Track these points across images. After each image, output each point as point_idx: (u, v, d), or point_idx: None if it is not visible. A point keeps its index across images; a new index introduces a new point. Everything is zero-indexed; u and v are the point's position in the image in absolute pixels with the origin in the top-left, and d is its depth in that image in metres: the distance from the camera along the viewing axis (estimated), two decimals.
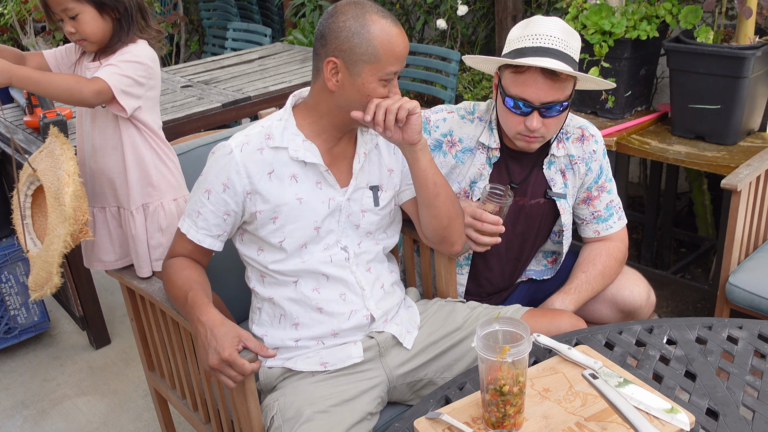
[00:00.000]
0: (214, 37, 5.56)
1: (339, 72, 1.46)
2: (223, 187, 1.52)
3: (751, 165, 2.13)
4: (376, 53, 1.43)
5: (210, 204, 1.54)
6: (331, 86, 1.47)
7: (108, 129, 1.83)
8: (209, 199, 1.54)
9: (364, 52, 1.43)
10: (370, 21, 1.43)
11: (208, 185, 1.54)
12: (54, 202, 1.64)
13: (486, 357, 1.21)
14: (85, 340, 2.87)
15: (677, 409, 1.27)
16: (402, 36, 1.47)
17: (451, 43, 3.74)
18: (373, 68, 1.44)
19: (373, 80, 1.45)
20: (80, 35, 1.77)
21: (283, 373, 1.60)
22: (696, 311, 2.78)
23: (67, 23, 1.76)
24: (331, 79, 1.47)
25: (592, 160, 1.85)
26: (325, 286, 1.59)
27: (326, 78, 1.47)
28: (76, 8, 1.73)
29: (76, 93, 1.70)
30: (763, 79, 2.43)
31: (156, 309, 1.73)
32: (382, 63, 1.44)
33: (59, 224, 1.62)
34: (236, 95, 3.15)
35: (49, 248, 1.65)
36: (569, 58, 1.64)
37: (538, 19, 1.70)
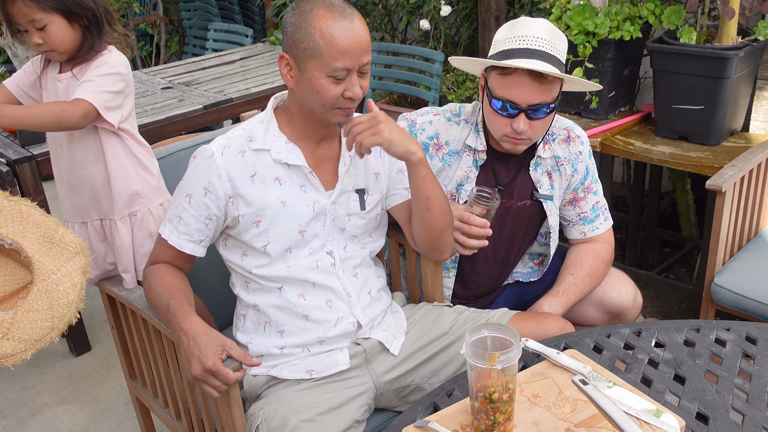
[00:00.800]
0: (194, 38, 5.50)
1: (291, 68, 1.44)
2: (204, 191, 1.49)
3: (735, 165, 2.14)
4: (317, 48, 1.38)
5: (191, 209, 1.51)
6: (288, 83, 1.46)
7: (88, 140, 1.79)
8: (190, 203, 1.51)
9: (306, 47, 1.39)
10: (314, 15, 1.38)
11: (189, 189, 1.51)
12: (44, 248, 1.51)
13: (475, 364, 1.19)
14: (65, 347, 2.82)
15: (662, 410, 1.26)
16: (351, 29, 1.38)
17: (434, 44, 3.73)
18: (318, 64, 1.39)
19: (320, 76, 1.40)
20: (48, 46, 1.72)
21: (268, 381, 1.58)
22: (681, 311, 2.78)
23: (33, 35, 1.70)
24: (286, 75, 1.46)
25: (578, 162, 1.84)
26: (311, 292, 1.56)
27: (282, 75, 1.46)
28: (45, 19, 1.68)
29: (63, 121, 1.68)
30: (746, 79, 2.44)
31: (137, 317, 1.70)
32: (326, 58, 1.38)
33: (64, 263, 1.51)
34: (218, 97, 3.12)
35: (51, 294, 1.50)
36: (556, 59, 1.63)
37: (524, 20, 1.68)
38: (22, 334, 1.47)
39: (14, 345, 1.48)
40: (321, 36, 1.37)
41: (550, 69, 1.59)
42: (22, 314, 1.48)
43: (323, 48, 1.38)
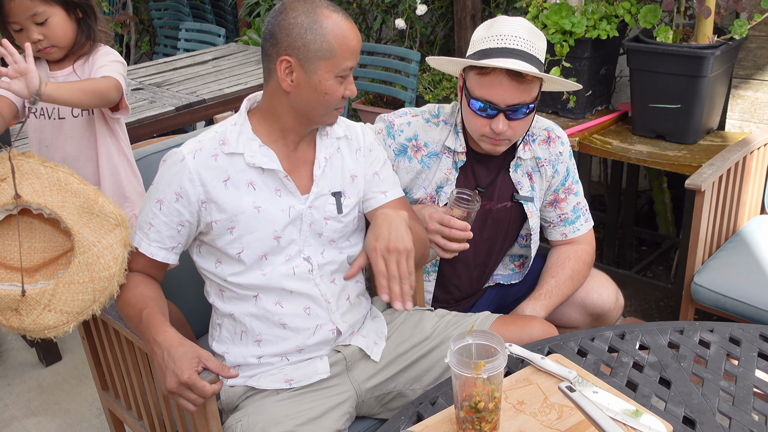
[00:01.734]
0: (165, 38, 5.41)
1: (294, 71, 1.39)
2: (175, 197, 1.44)
3: (714, 164, 2.14)
4: (331, 48, 1.37)
5: (162, 215, 1.45)
6: (286, 87, 1.41)
7: (83, 139, 1.73)
8: (161, 209, 1.45)
9: (318, 48, 1.37)
10: (322, 16, 1.37)
11: (160, 195, 1.46)
12: (83, 218, 1.47)
13: (460, 373, 1.16)
14: (34, 357, 2.74)
15: (641, 411, 1.25)
16: (355, 30, 1.42)
17: (410, 43, 3.70)
18: (329, 64, 1.39)
19: (329, 77, 1.40)
20: (49, 42, 1.68)
21: (245, 392, 1.53)
22: (659, 310, 2.79)
23: (33, 31, 1.65)
24: (286, 79, 1.40)
25: (559, 162, 1.82)
26: (288, 300, 1.52)
27: (280, 79, 1.40)
28: (47, 12, 1.64)
29: (106, 94, 1.66)
30: (722, 78, 2.45)
31: (109, 328, 1.64)
32: (338, 59, 1.39)
33: (104, 235, 1.47)
34: (190, 98, 3.05)
35: (92, 266, 1.46)
36: (535, 59, 1.61)
37: (502, 19, 1.66)
38: (63, 306, 1.45)
39: (56, 317, 1.45)
40: (334, 37, 1.37)
41: (529, 68, 1.57)
42: (63, 286, 1.45)
43: (336, 48, 1.38)
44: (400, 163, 1.77)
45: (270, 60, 1.42)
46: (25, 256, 1.49)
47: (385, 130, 1.78)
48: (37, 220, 1.50)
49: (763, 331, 1.50)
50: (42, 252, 1.51)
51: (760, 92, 2.49)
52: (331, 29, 1.37)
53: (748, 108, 2.53)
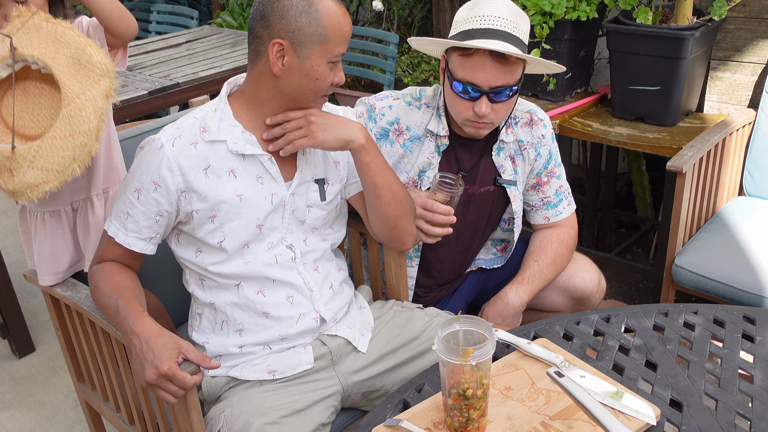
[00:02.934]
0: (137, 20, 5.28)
1: (286, 55, 1.35)
2: (154, 186, 1.39)
3: (694, 146, 2.14)
4: (325, 33, 1.34)
5: (140, 204, 1.41)
6: (277, 71, 1.36)
7: None
8: (139, 199, 1.40)
9: (313, 32, 1.33)
10: (316, 0, 1.33)
11: (138, 184, 1.41)
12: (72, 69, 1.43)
13: (448, 360, 1.14)
14: (7, 349, 2.67)
15: (622, 391, 1.24)
16: (347, 15, 1.39)
17: (387, 25, 3.65)
18: (323, 50, 1.35)
19: (321, 62, 1.36)
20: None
21: (228, 382, 1.50)
22: (639, 291, 2.80)
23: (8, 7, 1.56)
24: (277, 62, 1.36)
25: (541, 145, 1.80)
26: (271, 288, 1.48)
27: (271, 62, 1.36)
28: None
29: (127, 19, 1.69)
30: (701, 59, 2.44)
31: (84, 319, 1.59)
32: (332, 44, 1.36)
33: (89, 87, 1.42)
34: (164, 82, 2.98)
35: (74, 120, 1.41)
36: (518, 40, 1.58)
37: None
38: (45, 163, 1.41)
39: (37, 174, 1.41)
40: (329, 22, 1.34)
41: (512, 50, 1.54)
42: (47, 141, 1.41)
43: (330, 34, 1.35)
44: (382, 147, 1.74)
45: (260, 42, 1.37)
46: (31, 122, 1.48)
47: (366, 114, 1.74)
48: (47, 86, 1.47)
49: (747, 313, 1.51)
50: (49, 118, 1.47)
51: (738, 74, 2.50)
52: (326, 14, 1.34)
53: (727, 90, 2.54)
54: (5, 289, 2.50)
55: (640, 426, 1.20)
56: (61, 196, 1.70)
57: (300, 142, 1.41)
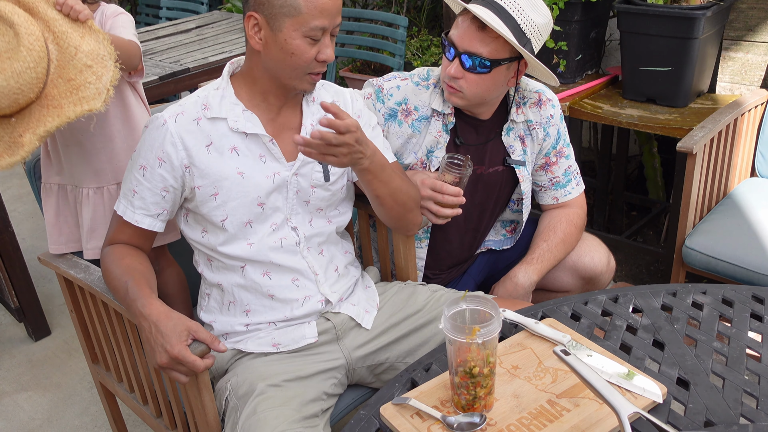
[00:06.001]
0: (147, 6, 5.28)
1: (261, 29, 1.35)
2: (158, 162, 1.41)
3: (705, 127, 2.12)
4: (295, 4, 1.32)
5: (146, 181, 1.42)
6: (254, 45, 1.37)
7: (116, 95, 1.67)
8: (144, 175, 1.42)
9: (283, 3, 1.32)
10: None
11: (143, 161, 1.42)
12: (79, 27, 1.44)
13: (455, 338, 1.15)
14: (23, 332, 2.71)
15: (634, 372, 1.25)
16: None
17: (397, 9, 3.63)
18: (295, 22, 1.33)
19: (296, 36, 1.34)
20: None
21: (234, 355, 1.52)
22: (650, 274, 2.79)
23: None
24: (254, 37, 1.36)
25: (550, 125, 1.80)
26: (276, 271, 1.50)
27: (249, 36, 1.36)
28: None
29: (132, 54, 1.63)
30: (713, 39, 2.42)
31: (97, 300, 1.61)
32: (305, 16, 1.32)
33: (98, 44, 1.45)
34: (174, 67, 2.99)
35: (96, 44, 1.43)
36: (512, 20, 1.57)
37: None
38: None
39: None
40: None
41: (490, 18, 1.53)
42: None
43: (302, 5, 1.32)
44: (390, 127, 1.74)
45: (244, 18, 1.38)
46: None
47: (374, 95, 1.74)
48: None
49: (756, 292, 1.50)
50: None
51: (750, 54, 2.47)
52: None
53: (739, 70, 2.51)
54: (21, 274, 2.54)
55: (646, 404, 1.21)
56: (104, 173, 1.72)
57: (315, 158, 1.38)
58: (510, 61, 1.60)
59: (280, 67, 1.38)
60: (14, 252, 2.50)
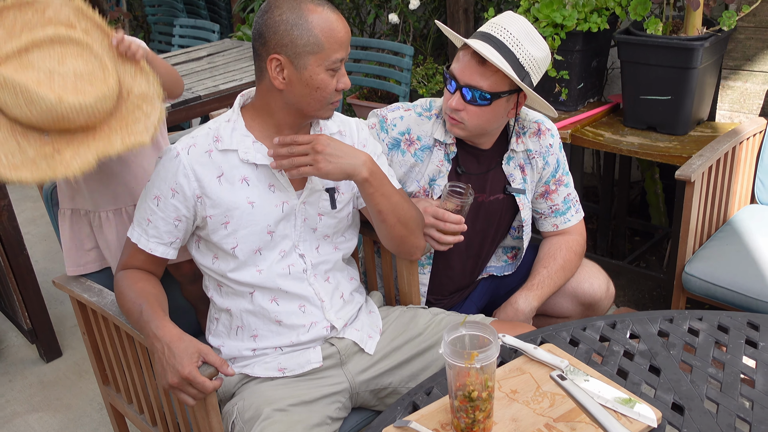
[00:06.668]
0: (159, 34, 5.41)
1: (284, 68, 1.41)
2: (171, 193, 1.46)
3: (703, 155, 2.16)
4: (318, 42, 1.39)
5: (159, 211, 1.48)
6: (279, 84, 1.43)
7: None
8: (158, 205, 1.48)
9: (306, 42, 1.39)
10: (306, 11, 1.39)
11: (157, 191, 1.48)
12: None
13: (454, 363, 1.19)
14: (35, 354, 2.76)
15: (635, 400, 1.28)
16: (341, 21, 1.43)
17: (403, 37, 3.71)
18: (319, 58, 1.40)
19: (320, 71, 1.41)
20: None
21: (241, 380, 1.57)
22: (652, 299, 2.82)
23: None
24: (277, 77, 1.42)
25: (549, 154, 1.85)
26: (284, 297, 1.55)
27: (272, 77, 1.42)
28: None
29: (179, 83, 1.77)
30: (711, 69, 2.47)
31: (109, 323, 1.66)
32: (327, 51, 1.40)
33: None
34: (186, 95, 3.06)
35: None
36: (512, 55, 1.63)
37: (508, 12, 1.70)
38: None
39: None
40: (321, 30, 1.39)
41: (490, 54, 1.59)
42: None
43: (324, 42, 1.39)
44: (394, 156, 1.79)
45: (261, 59, 1.44)
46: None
47: (378, 125, 1.80)
48: None
49: (751, 319, 1.54)
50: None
51: (749, 83, 2.52)
52: (317, 23, 1.38)
53: (738, 99, 2.56)
54: (34, 296, 2.59)
55: (641, 428, 1.24)
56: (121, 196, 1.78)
57: (304, 170, 1.44)
58: (510, 94, 1.66)
59: (305, 102, 1.44)
60: (28, 274, 2.55)
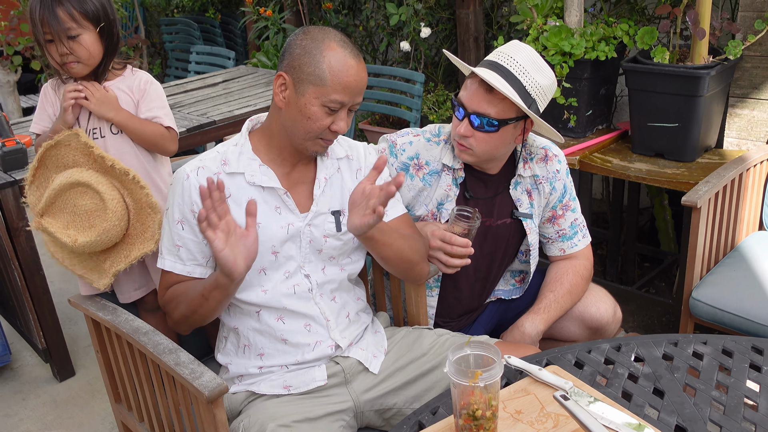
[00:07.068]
0: (177, 60, 5.52)
1: (287, 88, 1.46)
2: (192, 214, 1.51)
3: (710, 182, 2.19)
4: (322, 76, 1.43)
5: (187, 234, 1.52)
6: (278, 101, 1.48)
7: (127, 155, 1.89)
8: (184, 229, 1.52)
9: (311, 72, 1.43)
10: (326, 46, 1.44)
11: (178, 216, 1.53)
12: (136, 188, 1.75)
13: (458, 382, 1.21)
14: (49, 373, 2.80)
15: (644, 425, 1.29)
16: (356, 68, 1.46)
17: (414, 65, 3.78)
18: (317, 91, 1.44)
19: (315, 104, 1.45)
20: (75, 57, 1.76)
21: (247, 397, 1.59)
22: (661, 325, 2.82)
23: (63, 44, 1.74)
24: (279, 94, 1.48)
25: (556, 180, 1.88)
26: (290, 316, 1.58)
27: (275, 92, 1.48)
28: (80, 29, 1.73)
29: (161, 145, 1.90)
30: (718, 97, 2.50)
31: (122, 341, 1.70)
32: (327, 88, 1.44)
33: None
34: (201, 120, 3.13)
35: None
36: (518, 83, 1.67)
37: (514, 42, 1.74)
38: None
39: None
40: (329, 66, 1.43)
41: (497, 82, 1.63)
42: None
43: (328, 78, 1.43)
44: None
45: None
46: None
47: (388, 150, 1.85)
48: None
49: (756, 343, 1.54)
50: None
51: (756, 111, 2.55)
52: (328, 60, 1.43)
53: (745, 126, 2.59)
54: (49, 316, 2.64)
55: None
56: None
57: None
58: (517, 120, 1.70)
59: (295, 127, 1.49)
60: (44, 294, 2.60)
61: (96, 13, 1.76)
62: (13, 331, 3.02)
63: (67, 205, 1.74)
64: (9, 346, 2.80)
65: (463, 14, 3.45)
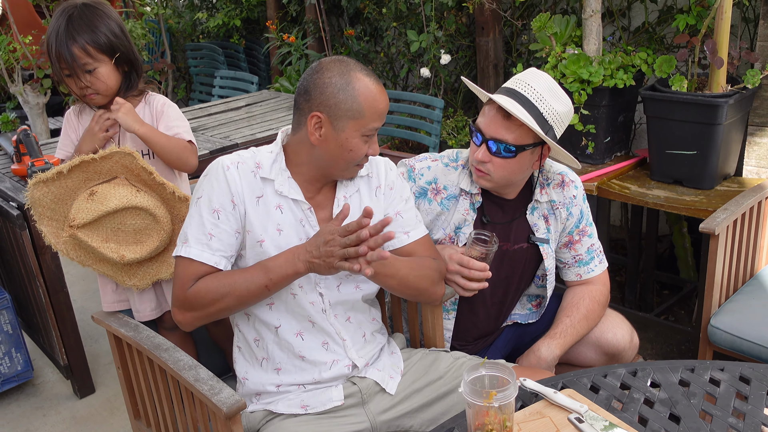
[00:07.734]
0: (201, 85, 5.63)
1: (323, 126, 1.49)
2: (232, 204, 1.52)
3: (728, 209, 2.19)
4: (360, 109, 1.48)
5: (222, 224, 1.51)
6: (314, 140, 1.51)
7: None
8: (220, 218, 1.51)
9: (349, 108, 1.47)
10: (354, 78, 1.48)
11: (215, 205, 1.51)
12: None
13: (473, 402, 1.22)
14: (69, 390, 2.84)
15: None
16: (383, 93, 1.52)
17: (434, 91, 3.82)
18: (357, 124, 1.49)
19: (356, 135, 1.50)
20: (93, 89, 1.82)
21: (265, 416, 1.61)
22: (680, 353, 2.80)
23: (81, 77, 1.80)
24: (315, 133, 1.50)
25: (573, 205, 1.89)
26: (310, 331, 1.60)
27: (309, 132, 1.50)
28: (96, 63, 1.79)
29: (184, 159, 1.94)
30: (737, 125, 2.51)
31: (143, 357, 1.73)
32: (366, 119, 1.49)
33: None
34: (224, 142, 3.19)
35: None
36: (535, 109, 1.69)
37: (531, 69, 1.77)
38: None
39: None
40: (365, 99, 1.48)
41: (515, 109, 1.66)
42: None
43: (365, 110, 1.48)
44: (421, 205, 1.86)
45: (301, 113, 1.52)
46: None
47: (407, 174, 1.88)
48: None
49: None
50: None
51: None
52: (362, 91, 1.48)
53: (765, 154, 2.58)
54: (72, 333, 2.68)
55: None
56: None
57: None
58: (534, 146, 1.72)
59: (334, 161, 1.53)
60: (67, 311, 2.65)
61: (110, 45, 1.82)
62: (35, 348, 3.07)
63: (111, 222, 1.78)
64: (32, 362, 2.85)
65: (483, 42, 3.50)
